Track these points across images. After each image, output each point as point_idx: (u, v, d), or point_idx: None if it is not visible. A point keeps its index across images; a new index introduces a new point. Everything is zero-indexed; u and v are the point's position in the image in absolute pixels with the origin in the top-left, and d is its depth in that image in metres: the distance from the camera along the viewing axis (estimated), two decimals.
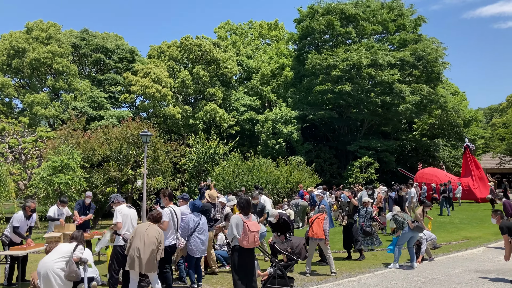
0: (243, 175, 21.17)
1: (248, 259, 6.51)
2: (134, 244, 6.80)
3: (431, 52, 32.94)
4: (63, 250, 6.54)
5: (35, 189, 16.78)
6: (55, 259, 6.39)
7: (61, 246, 6.73)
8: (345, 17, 35.89)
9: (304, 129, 35.54)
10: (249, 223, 6.54)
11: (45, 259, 6.44)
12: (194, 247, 8.04)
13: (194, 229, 8.06)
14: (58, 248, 6.65)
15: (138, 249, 6.70)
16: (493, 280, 8.42)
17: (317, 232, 8.97)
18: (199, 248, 8.09)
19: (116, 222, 7.33)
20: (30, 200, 9.08)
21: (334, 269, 9.10)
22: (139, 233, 6.88)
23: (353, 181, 29.12)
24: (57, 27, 33.06)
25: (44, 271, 6.26)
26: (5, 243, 8.82)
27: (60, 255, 6.45)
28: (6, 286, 8.53)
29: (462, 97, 45.14)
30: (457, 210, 22.50)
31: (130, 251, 6.81)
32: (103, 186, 22.35)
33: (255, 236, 6.49)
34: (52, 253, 6.55)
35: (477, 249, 11.98)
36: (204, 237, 8.22)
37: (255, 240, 6.47)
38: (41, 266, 6.36)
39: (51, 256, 6.47)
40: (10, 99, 31.46)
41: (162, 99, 29.79)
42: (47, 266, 6.28)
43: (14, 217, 8.80)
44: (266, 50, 43.49)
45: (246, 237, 6.38)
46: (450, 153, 38.60)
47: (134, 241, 6.84)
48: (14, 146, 20.30)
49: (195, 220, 8.15)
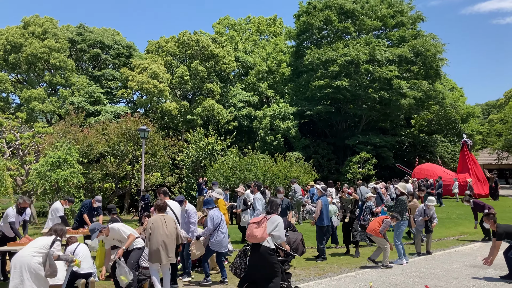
0: (241, 171, 21.15)
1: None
2: (156, 238, 6.94)
3: (430, 48, 32.89)
4: (39, 244, 6.10)
5: (32, 184, 16.71)
6: (30, 253, 5.95)
7: (38, 239, 6.30)
8: (343, 12, 35.78)
9: (302, 124, 35.51)
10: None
11: (20, 253, 6.01)
12: (219, 242, 8.11)
13: (218, 224, 8.12)
14: (34, 241, 6.23)
15: (164, 242, 6.94)
16: (490, 275, 8.45)
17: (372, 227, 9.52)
18: (224, 243, 8.22)
19: (129, 234, 7.15)
20: (24, 198, 8.94)
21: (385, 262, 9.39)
22: (157, 227, 7.03)
23: (351, 176, 29.15)
24: (53, 22, 32.89)
25: (19, 265, 5.82)
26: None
27: (36, 249, 6.02)
28: (3, 281, 8.51)
29: (460, 92, 45.18)
30: (455, 206, 22.55)
31: (153, 246, 6.91)
32: (101, 181, 22.34)
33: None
34: (28, 246, 6.12)
35: (474, 245, 12.03)
36: (226, 231, 8.35)
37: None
38: (16, 260, 5.92)
39: (26, 250, 6.03)
40: (7, 95, 31.34)
41: (159, 94, 29.71)
42: (22, 260, 5.85)
43: (7, 213, 8.76)
44: (265, 45, 43.38)
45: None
46: (447, 149, 38.69)
47: (154, 235, 6.96)
48: (12, 142, 20.21)
49: (218, 215, 8.21)
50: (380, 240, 9.43)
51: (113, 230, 7.20)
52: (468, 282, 7.92)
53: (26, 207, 8.86)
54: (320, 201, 10.39)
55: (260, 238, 6.21)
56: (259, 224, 6.30)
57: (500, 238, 8.24)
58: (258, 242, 6.24)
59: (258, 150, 29.99)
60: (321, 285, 7.99)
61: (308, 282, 8.22)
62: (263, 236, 6.21)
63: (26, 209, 8.90)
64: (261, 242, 6.21)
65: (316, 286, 7.93)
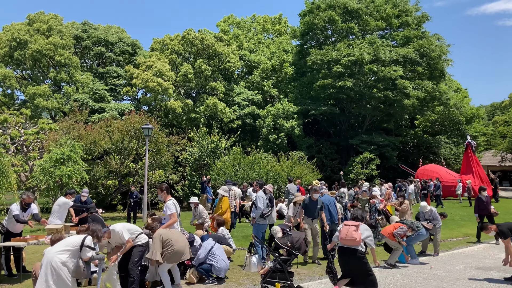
0: (244, 169, 21.19)
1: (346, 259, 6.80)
2: (177, 243, 7.08)
3: (435, 49, 32.78)
4: (68, 242, 5.98)
5: (36, 180, 16.79)
6: (60, 252, 5.81)
7: (70, 238, 6.14)
8: (347, 11, 35.70)
9: (306, 124, 35.48)
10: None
11: (48, 249, 5.91)
12: (220, 268, 8.20)
13: (207, 254, 8.32)
14: (64, 241, 6.08)
15: (182, 242, 7.19)
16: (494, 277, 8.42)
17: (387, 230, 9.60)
18: (223, 268, 8.28)
19: (127, 239, 7.01)
20: (27, 193, 8.97)
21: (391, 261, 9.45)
22: (169, 233, 7.19)
23: (354, 176, 29.11)
24: (58, 19, 32.96)
25: (44, 262, 5.74)
26: (1, 232, 8.84)
27: (63, 246, 5.90)
28: (8, 277, 8.55)
29: (464, 94, 45.03)
30: (458, 207, 22.51)
31: (173, 247, 6.99)
32: (105, 178, 22.41)
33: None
34: (58, 245, 6.00)
35: (477, 246, 11.98)
36: (221, 257, 8.46)
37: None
38: (44, 256, 5.88)
39: (56, 248, 5.92)
40: (12, 91, 31.45)
41: (163, 92, 29.74)
42: (48, 257, 5.75)
43: (12, 208, 8.81)
44: (269, 44, 43.34)
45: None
46: (451, 150, 38.57)
47: (173, 240, 7.07)
48: (16, 138, 20.32)
49: (207, 245, 8.39)
50: (394, 243, 9.41)
51: (114, 232, 7.02)
52: (471, 284, 7.90)
53: (30, 202, 8.88)
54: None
55: (357, 242, 6.58)
56: (357, 228, 6.65)
57: (505, 236, 8.18)
58: (353, 246, 6.60)
59: (262, 149, 30.01)
60: (324, 284, 7.98)
61: (311, 282, 8.21)
62: (360, 240, 6.60)
63: (31, 204, 8.94)
64: (356, 246, 6.59)
65: (319, 286, 7.92)
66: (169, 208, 7.67)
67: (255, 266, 8.37)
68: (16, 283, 8.13)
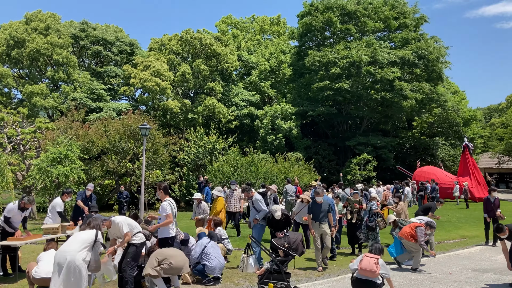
0: (242, 170, 21.16)
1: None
2: (174, 259, 7.14)
3: (433, 51, 32.85)
4: (82, 239, 6.00)
5: (33, 180, 16.72)
6: (78, 249, 5.82)
7: (80, 234, 6.14)
8: (345, 13, 35.75)
9: (303, 125, 35.49)
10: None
11: (65, 249, 5.84)
12: (212, 266, 8.20)
13: (201, 252, 8.35)
14: (77, 237, 6.05)
15: (182, 257, 7.35)
16: (490, 279, 8.43)
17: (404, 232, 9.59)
18: (217, 268, 8.29)
19: (125, 232, 6.92)
20: (29, 198, 8.80)
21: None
22: (169, 252, 7.26)
23: (351, 178, 29.13)
24: (56, 17, 32.86)
25: (63, 262, 5.68)
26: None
27: (82, 244, 5.90)
28: (3, 276, 8.51)
29: (462, 96, 45.15)
30: (455, 209, 22.55)
31: (174, 265, 7.07)
32: (102, 178, 22.34)
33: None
34: (71, 242, 5.94)
35: (474, 248, 12.00)
36: (216, 255, 8.48)
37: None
38: (60, 256, 5.77)
39: (71, 245, 5.87)
40: (9, 90, 31.34)
41: (161, 92, 29.69)
42: (70, 256, 5.72)
43: (8, 207, 8.75)
44: (268, 45, 43.35)
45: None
46: (449, 152, 38.66)
47: (171, 257, 7.12)
48: (13, 137, 20.23)
49: (201, 244, 8.46)
50: (410, 244, 9.37)
51: (114, 224, 7.01)
52: (467, 286, 7.90)
53: (28, 208, 8.87)
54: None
55: (376, 275, 6.65)
56: (377, 261, 6.71)
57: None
58: (372, 278, 6.65)
59: (259, 150, 29.98)
60: (321, 285, 7.98)
61: (308, 283, 8.20)
62: (378, 273, 6.67)
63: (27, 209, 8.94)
64: (374, 279, 6.66)
65: (316, 287, 7.91)
66: (164, 209, 7.63)
67: (252, 267, 8.35)
68: (12, 282, 8.09)
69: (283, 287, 7.13)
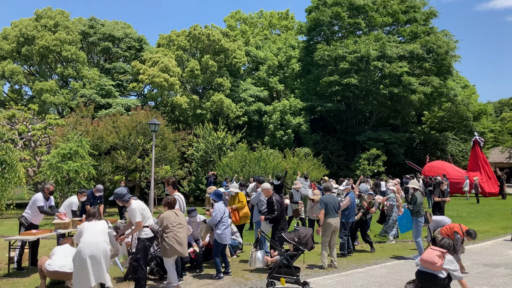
0: (250, 165, 21.20)
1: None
2: (173, 232, 7.01)
3: (442, 45, 32.53)
4: (102, 229, 6.37)
5: (44, 176, 16.89)
6: (104, 240, 6.24)
7: (97, 225, 6.39)
8: (354, 7, 35.50)
9: (312, 120, 35.41)
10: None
11: (92, 240, 6.11)
12: (224, 234, 8.20)
13: (221, 217, 8.24)
14: (96, 228, 6.32)
15: (181, 235, 7.08)
16: (501, 274, 8.38)
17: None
18: (228, 235, 8.35)
19: (137, 221, 6.82)
20: (49, 183, 9.19)
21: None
22: (172, 221, 7.09)
23: (360, 173, 29.06)
24: (65, 14, 33.05)
25: (95, 253, 6.03)
26: (25, 225, 8.92)
27: (104, 235, 6.30)
28: (16, 270, 8.64)
29: (472, 90, 44.71)
30: (465, 204, 22.41)
31: (171, 240, 6.95)
32: (111, 174, 22.48)
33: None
34: (95, 234, 6.22)
35: (485, 243, 11.92)
36: (228, 224, 8.49)
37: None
38: (89, 248, 6.03)
39: (97, 237, 6.18)
40: (20, 86, 31.66)
41: (170, 88, 29.78)
42: (100, 247, 6.09)
43: (36, 198, 8.87)
44: (276, 40, 43.21)
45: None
46: (459, 147, 38.35)
47: (171, 229, 7.01)
48: (24, 133, 20.45)
49: (222, 209, 8.35)
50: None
51: (130, 208, 6.90)
52: (478, 281, 7.86)
53: (53, 191, 9.14)
54: (348, 197, 10.29)
55: (437, 267, 6.41)
56: (442, 255, 6.49)
57: None
58: (433, 271, 6.43)
59: (268, 145, 29.99)
60: (330, 280, 7.99)
61: (317, 277, 8.22)
62: (440, 267, 6.42)
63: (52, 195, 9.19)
64: (436, 272, 6.42)
65: (325, 281, 7.92)
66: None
67: (260, 261, 8.39)
68: (25, 276, 8.21)
69: (292, 281, 7.15)
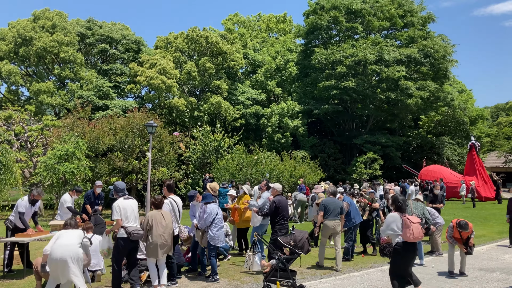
0: (247, 168, 21.18)
1: (413, 254, 6.57)
2: (156, 232, 6.94)
3: (439, 50, 32.67)
4: (77, 235, 6.22)
5: (40, 177, 16.82)
6: (76, 244, 6.05)
7: (73, 232, 6.29)
8: (351, 12, 35.63)
9: (309, 123, 35.48)
10: (409, 216, 6.62)
11: (64, 243, 5.99)
12: (216, 236, 8.10)
13: (214, 219, 8.12)
14: (72, 234, 6.23)
15: (163, 236, 6.97)
16: (497, 278, 8.39)
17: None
18: (221, 237, 8.25)
19: (115, 219, 6.82)
20: (38, 190, 9.02)
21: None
22: (156, 221, 7.02)
23: (357, 176, 29.10)
24: (63, 16, 33.03)
25: (63, 256, 5.86)
26: (9, 228, 8.84)
27: (78, 240, 6.13)
28: (7, 273, 8.51)
29: (469, 95, 44.92)
30: (461, 208, 22.44)
31: (154, 239, 6.89)
32: (108, 175, 22.42)
33: (418, 227, 6.52)
34: (68, 238, 6.10)
35: (481, 247, 11.93)
36: (223, 225, 8.44)
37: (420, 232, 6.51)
38: (59, 251, 5.90)
39: (70, 240, 6.05)
40: (17, 87, 31.59)
41: (167, 90, 29.78)
42: (70, 250, 5.92)
43: (18, 203, 8.80)
44: (274, 43, 43.29)
45: (409, 229, 6.41)
46: (455, 151, 38.47)
47: (155, 229, 6.95)
48: (20, 134, 20.37)
49: (214, 210, 8.23)
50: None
51: (112, 205, 6.96)
52: (474, 285, 7.87)
53: (38, 200, 8.95)
54: (345, 202, 10.15)
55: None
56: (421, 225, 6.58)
57: None
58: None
59: (265, 148, 30.00)
60: (326, 284, 7.98)
61: (313, 281, 8.20)
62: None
63: (38, 201, 9.00)
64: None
65: (321, 285, 7.91)
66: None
67: (258, 264, 8.37)
68: (19, 278, 8.15)
69: (288, 285, 7.14)
